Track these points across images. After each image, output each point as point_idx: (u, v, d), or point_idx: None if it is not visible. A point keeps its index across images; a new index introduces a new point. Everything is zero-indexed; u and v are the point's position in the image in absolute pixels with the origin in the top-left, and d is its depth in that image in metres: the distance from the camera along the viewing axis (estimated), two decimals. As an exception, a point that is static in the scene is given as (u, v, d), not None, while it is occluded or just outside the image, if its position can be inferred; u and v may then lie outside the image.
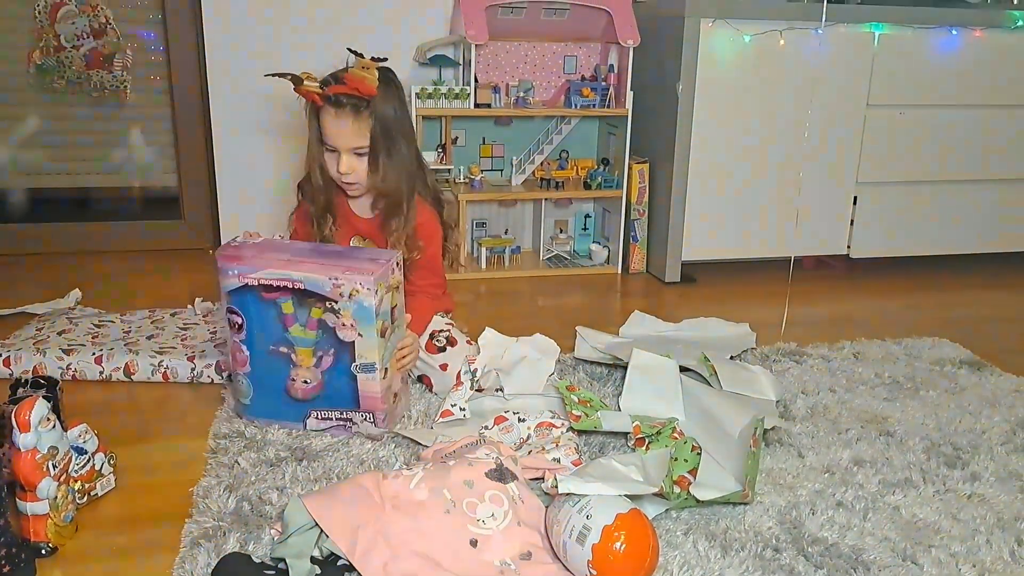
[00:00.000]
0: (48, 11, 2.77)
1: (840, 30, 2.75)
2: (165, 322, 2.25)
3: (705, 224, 2.87)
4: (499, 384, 1.83)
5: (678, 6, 2.69)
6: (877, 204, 2.97)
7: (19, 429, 1.29)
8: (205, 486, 1.49)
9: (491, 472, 1.42)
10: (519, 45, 3.01)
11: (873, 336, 2.37)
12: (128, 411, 1.85)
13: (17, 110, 2.93)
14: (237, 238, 1.75)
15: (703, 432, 1.70)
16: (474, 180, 2.96)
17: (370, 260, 1.63)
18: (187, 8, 2.90)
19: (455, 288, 2.79)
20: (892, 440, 1.76)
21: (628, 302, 2.74)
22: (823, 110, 2.81)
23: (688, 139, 2.76)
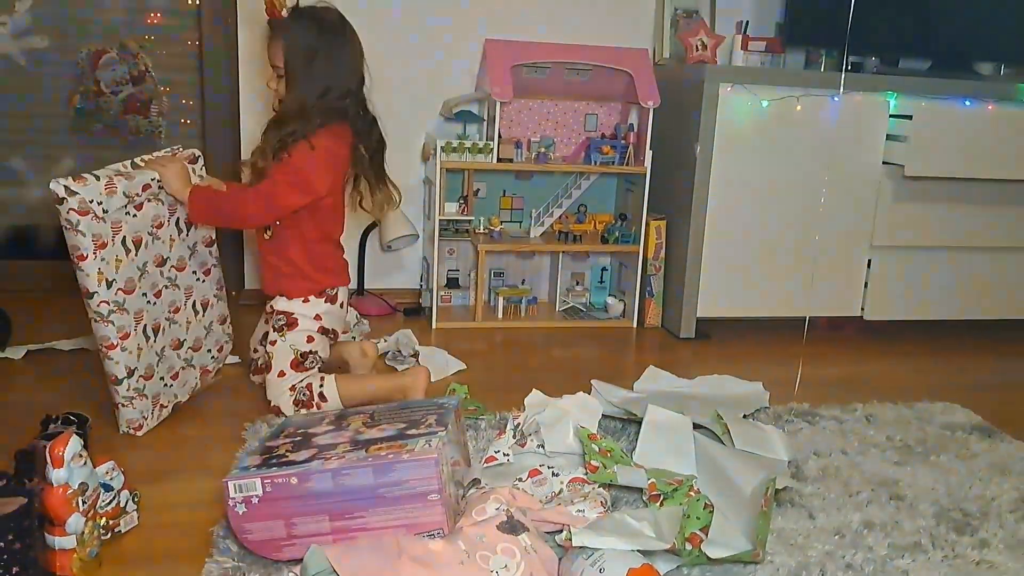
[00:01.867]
0: (91, 58, 2.87)
1: (855, 98, 2.81)
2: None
3: (721, 281, 2.91)
4: (541, 440, 1.85)
5: (698, 71, 2.78)
6: (891, 268, 3.01)
7: (52, 465, 1.33)
8: (225, 526, 1.52)
9: (502, 524, 1.44)
10: (542, 103, 3.10)
11: (885, 399, 2.38)
12: (151, 449, 1.89)
13: (55, 151, 3.03)
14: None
15: (715, 490, 1.72)
16: (493, 231, 3.02)
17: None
18: (223, 52, 3.00)
19: (471, 336, 2.85)
20: (902, 504, 1.77)
21: (643, 356, 2.77)
22: (839, 174, 2.87)
23: (705, 198, 2.82)
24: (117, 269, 1.83)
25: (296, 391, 2.06)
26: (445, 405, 1.69)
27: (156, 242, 1.96)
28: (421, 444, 1.46)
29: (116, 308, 1.83)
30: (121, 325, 1.84)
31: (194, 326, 2.12)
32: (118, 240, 1.83)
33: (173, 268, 2.02)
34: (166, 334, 2.00)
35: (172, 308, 2.02)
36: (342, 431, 1.62)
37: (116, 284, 1.82)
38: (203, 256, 2.16)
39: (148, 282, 1.92)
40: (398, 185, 2.65)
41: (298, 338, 2.10)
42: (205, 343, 2.17)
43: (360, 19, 2.92)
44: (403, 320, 3.02)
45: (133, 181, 1.88)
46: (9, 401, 2.13)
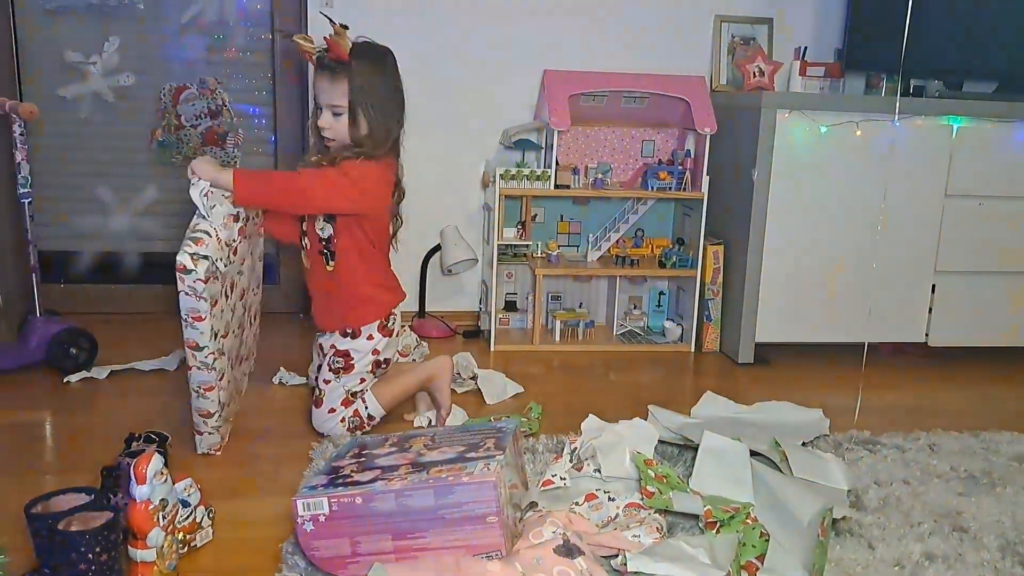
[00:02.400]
0: (172, 94, 3.03)
1: (917, 122, 2.80)
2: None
3: (780, 306, 2.91)
4: (597, 464, 1.88)
5: (755, 97, 2.79)
6: (957, 293, 2.96)
7: (136, 481, 1.41)
8: (294, 543, 1.58)
9: (558, 548, 1.47)
10: (599, 129, 3.14)
11: (950, 428, 2.34)
12: (225, 467, 1.98)
13: (138, 182, 3.19)
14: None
15: (772, 518, 1.71)
16: (551, 255, 3.07)
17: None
18: (296, 87, 3.14)
19: (529, 359, 2.89)
20: (966, 536, 1.73)
21: (700, 381, 2.78)
22: (900, 199, 2.85)
23: (763, 223, 2.83)
24: (220, 318, 1.90)
25: (346, 421, 2.16)
26: (503, 428, 1.73)
27: (240, 278, 2.03)
28: (480, 467, 1.50)
29: (218, 354, 1.90)
30: (221, 369, 1.92)
31: (246, 334, 2.19)
32: (223, 292, 1.92)
33: (245, 294, 2.11)
34: (234, 354, 2.08)
35: (244, 333, 2.11)
36: (404, 453, 1.67)
37: (219, 333, 1.90)
38: (258, 271, 2.24)
39: (236, 320, 2.01)
40: (460, 209, 2.74)
41: (352, 381, 2.17)
42: (252, 349, 2.30)
43: (423, 52, 3.06)
44: (462, 342, 3.08)
45: (230, 229, 1.90)
46: (95, 419, 2.25)
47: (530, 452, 2.06)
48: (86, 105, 3.10)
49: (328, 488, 1.52)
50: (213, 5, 3.09)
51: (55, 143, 3.11)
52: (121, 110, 3.12)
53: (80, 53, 3.04)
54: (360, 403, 2.18)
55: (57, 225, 3.18)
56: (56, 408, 2.33)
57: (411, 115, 2.99)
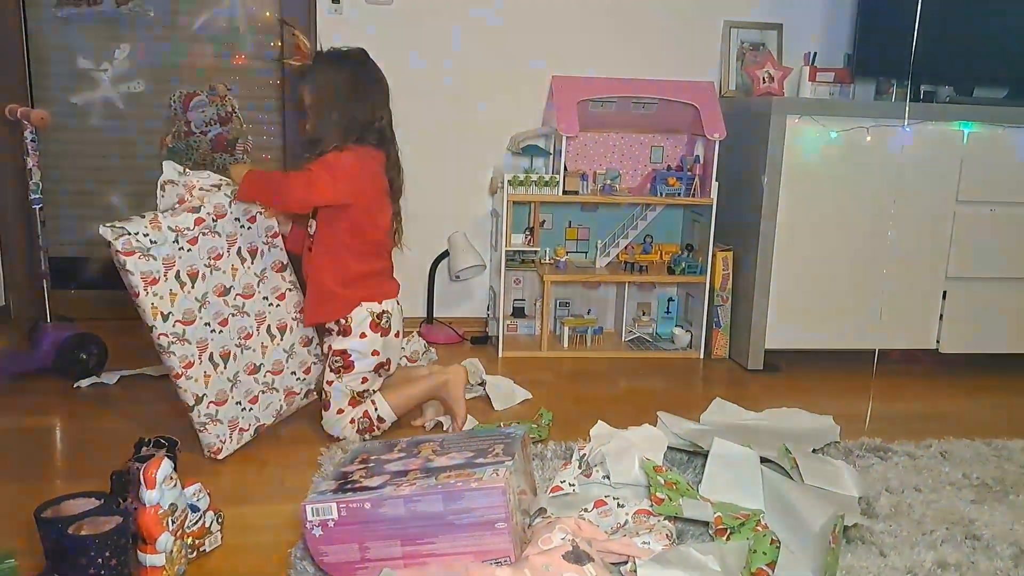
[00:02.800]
0: (182, 100, 3.04)
1: (928, 128, 2.79)
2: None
3: (789, 313, 2.90)
4: (606, 471, 1.88)
5: (765, 103, 2.79)
6: (968, 299, 2.95)
7: (146, 486, 1.41)
8: (303, 548, 1.58)
9: (567, 555, 1.46)
10: (608, 135, 3.14)
11: (961, 435, 2.33)
12: (234, 472, 1.98)
13: (148, 188, 3.18)
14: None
15: (782, 525, 1.71)
16: (559, 261, 3.07)
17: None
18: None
19: (537, 365, 2.89)
20: (978, 544, 1.72)
21: (710, 388, 2.76)
22: (911, 205, 2.83)
23: (773, 229, 2.82)
24: (172, 302, 1.92)
25: (356, 422, 2.16)
26: (512, 435, 1.73)
27: (216, 273, 2.03)
28: (489, 473, 1.50)
29: (176, 339, 1.92)
30: (183, 355, 1.93)
31: (271, 350, 2.17)
32: (171, 275, 1.92)
33: (239, 296, 2.09)
34: (238, 360, 2.07)
35: (243, 335, 2.08)
36: (413, 458, 1.67)
37: (173, 316, 1.92)
38: (274, 282, 2.20)
39: (210, 312, 2.00)
40: (468, 216, 2.72)
41: (354, 381, 2.17)
42: (287, 366, 2.21)
43: (431, 58, 3.07)
44: (470, 349, 3.08)
45: (179, 217, 1.96)
46: (105, 424, 2.25)
47: (539, 458, 2.05)
48: (97, 112, 3.12)
49: (337, 493, 1.52)
50: (223, 13, 3.11)
51: (66, 150, 3.13)
52: (131, 117, 3.14)
53: (91, 60, 3.06)
54: (369, 404, 2.18)
55: (68, 231, 3.19)
56: (66, 413, 2.33)
57: (419, 122, 3.04)
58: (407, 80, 3.03)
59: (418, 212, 2.32)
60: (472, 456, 1.62)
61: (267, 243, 2.19)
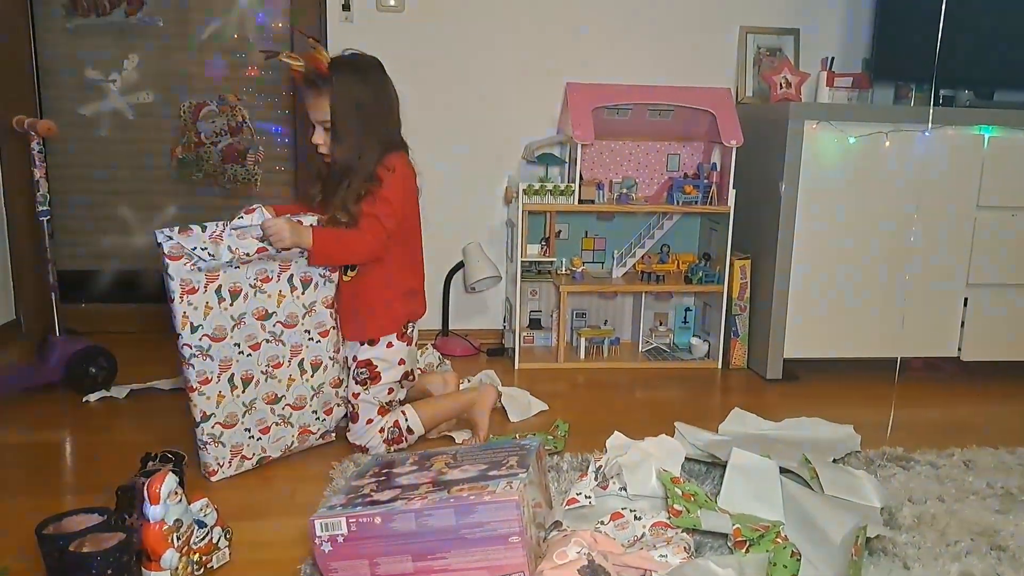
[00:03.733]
0: (192, 111, 3.04)
1: (948, 132, 2.74)
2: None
3: (808, 321, 2.85)
4: (623, 482, 1.84)
5: (782, 108, 2.75)
6: (990, 306, 2.89)
7: (150, 501, 1.39)
8: (312, 564, 1.55)
9: (583, 569, 1.43)
10: (624, 143, 3.11)
11: (985, 444, 2.28)
12: (243, 487, 1.95)
13: (158, 200, 3.20)
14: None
15: (803, 537, 1.67)
16: (575, 272, 3.03)
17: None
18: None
19: (554, 377, 2.85)
20: (1004, 555, 1.68)
21: (728, 398, 2.72)
22: (931, 211, 2.79)
23: (791, 236, 2.78)
24: (206, 316, 1.88)
25: (385, 432, 2.13)
26: (527, 446, 1.70)
27: (259, 295, 1.97)
28: (503, 486, 1.46)
29: (199, 353, 1.89)
30: (201, 370, 1.90)
31: (298, 385, 2.06)
32: (211, 288, 1.89)
33: (279, 324, 2.00)
34: (260, 387, 2.00)
35: (272, 363, 2.01)
36: (425, 471, 1.64)
37: (202, 330, 1.88)
38: (321, 316, 2.08)
39: (243, 333, 1.95)
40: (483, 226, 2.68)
41: (381, 392, 2.15)
42: (310, 404, 2.10)
43: (444, 65, 3.05)
44: (486, 361, 3.05)
45: (244, 241, 1.90)
46: (113, 438, 2.23)
47: (554, 470, 2.02)
48: (106, 123, 3.12)
49: (347, 508, 1.49)
50: (232, 23, 3.10)
51: (75, 161, 3.14)
52: (141, 128, 3.14)
53: (99, 71, 3.06)
54: (399, 414, 2.16)
55: (77, 244, 3.19)
56: (75, 427, 2.32)
57: (432, 130, 3.02)
58: (420, 88, 3.02)
59: (432, 222, 2.29)
60: (486, 468, 1.58)
61: (324, 276, 2.08)
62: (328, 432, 2.18)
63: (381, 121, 2.08)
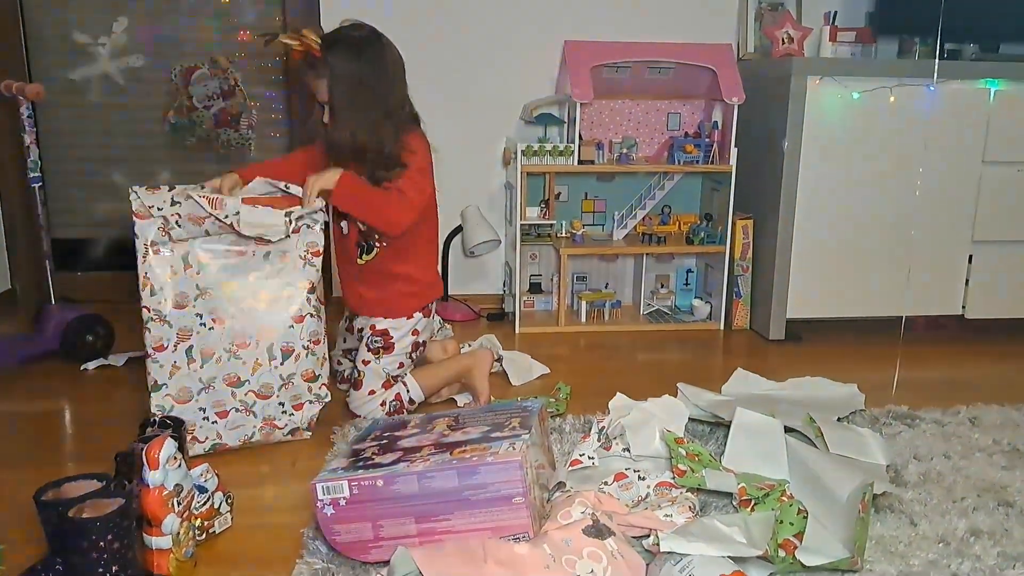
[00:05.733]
0: (183, 74, 2.98)
1: (953, 86, 2.69)
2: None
3: (811, 281, 2.82)
4: (626, 443, 1.83)
5: (785, 64, 2.70)
6: (994, 263, 2.86)
7: (148, 467, 1.37)
8: (315, 528, 1.54)
9: (588, 529, 1.42)
10: (623, 103, 3.06)
11: (991, 401, 2.27)
12: (243, 452, 1.94)
13: (151, 166, 3.16)
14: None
15: (808, 495, 1.66)
16: (576, 234, 3.00)
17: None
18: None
19: (555, 341, 2.84)
20: (1012, 511, 1.68)
21: (731, 359, 2.70)
22: (936, 167, 2.75)
23: (794, 195, 2.74)
24: (168, 280, 1.83)
25: (387, 405, 2.11)
26: (529, 408, 1.68)
27: (230, 268, 1.89)
28: (505, 447, 1.45)
29: (156, 317, 1.82)
30: (156, 336, 1.83)
31: (264, 371, 1.92)
32: (177, 252, 1.83)
33: (248, 300, 1.91)
34: (221, 365, 1.89)
35: (236, 342, 1.89)
36: (427, 434, 1.62)
37: (161, 294, 1.82)
38: (299, 303, 1.94)
39: (207, 305, 1.86)
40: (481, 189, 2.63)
41: (391, 364, 2.12)
42: (277, 394, 1.94)
43: (440, 25, 2.99)
44: (486, 325, 3.03)
45: (211, 202, 1.83)
46: (112, 406, 2.22)
47: (557, 432, 2.01)
48: (96, 88, 3.06)
49: (349, 471, 1.47)
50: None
51: (66, 127, 3.09)
52: (132, 92, 3.09)
53: (88, 34, 3.00)
54: (401, 386, 2.14)
55: (71, 212, 3.16)
56: (73, 396, 2.30)
57: (429, 92, 2.96)
58: (416, 50, 2.95)
59: (428, 186, 2.26)
60: (488, 430, 1.57)
61: (303, 258, 1.95)
62: (298, 429, 2.00)
63: (384, 96, 2.00)
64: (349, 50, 1.96)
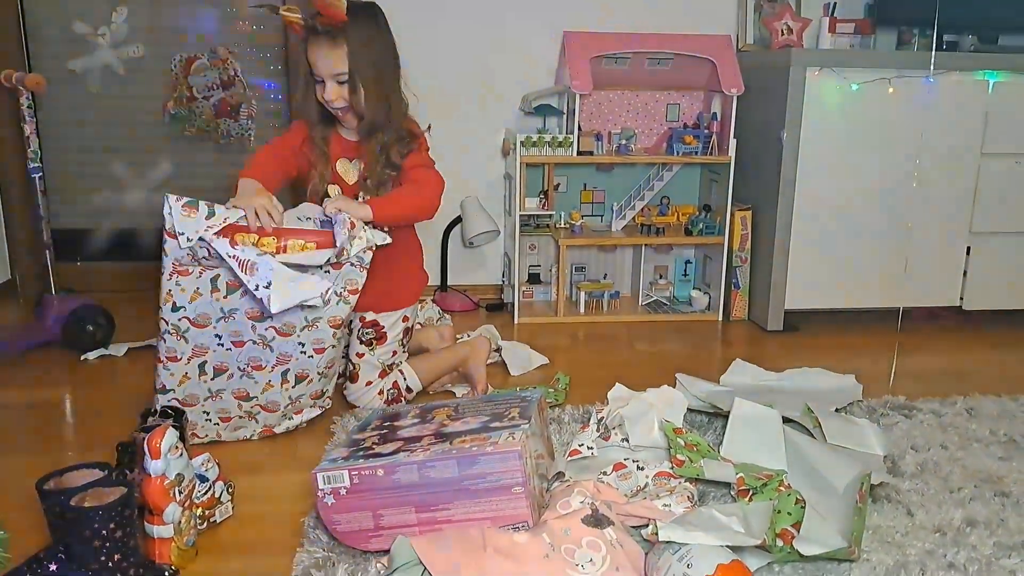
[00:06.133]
0: (183, 64, 2.98)
1: (952, 78, 2.69)
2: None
3: (809, 272, 2.83)
4: (625, 433, 1.84)
5: (784, 55, 2.70)
6: (992, 255, 2.87)
7: (150, 456, 1.38)
8: (315, 517, 1.55)
9: (587, 518, 1.43)
10: (622, 93, 3.06)
11: (988, 392, 2.28)
12: (244, 442, 1.95)
13: (151, 156, 3.16)
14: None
15: (806, 485, 1.67)
16: (574, 225, 3.00)
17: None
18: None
19: (554, 331, 2.84)
20: (1008, 501, 1.69)
21: (729, 350, 2.71)
22: (934, 158, 2.75)
23: (792, 186, 2.74)
24: (191, 300, 1.78)
25: (385, 394, 2.11)
26: (528, 398, 1.69)
27: (243, 300, 1.82)
28: (505, 437, 1.46)
29: (173, 331, 1.80)
30: (171, 347, 1.81)
31: (274, 392, 1.91)
32: (206, 275, 1.78)
33: (272, 329, 1.84)
34: (232, 381, 1.87)
35: (252, 364, 1.87)
36: (427, 424, 1.63)
37: (183, 312, 1.78)
38: (322, 333, 1.88)
39: (229, 328, 1.82)
40: (480, 180, 2.61)
41: (385, 353, 2.12)
42: (282, 410, 1.95)
43: (438, 13, 2.99)
44: (485, 316, 3.04)
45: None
46: (112, 396, 2.22)
47: (556, 422, 2.02)
48: (96, 78, 3.05)
49: (349, 460, 1.48)
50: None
51: (66, 118, 3.08)
52: (132, 82, 3.08)
53: (88, 24, 2.99)
54: (399, 375, 2.14)
55: (71, 202, 3.16)
56: (74, 386, 2.31)
57: (427, 82, 2.96)
58: (415, 39, 2.95)
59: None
60: (487, 420, 1.58)
61: (340, 296, 1.87)
62: (290, 421, 1.99)
63: (393, 71, 1.99)
64: (371, 17, 1.95)
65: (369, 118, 1.97)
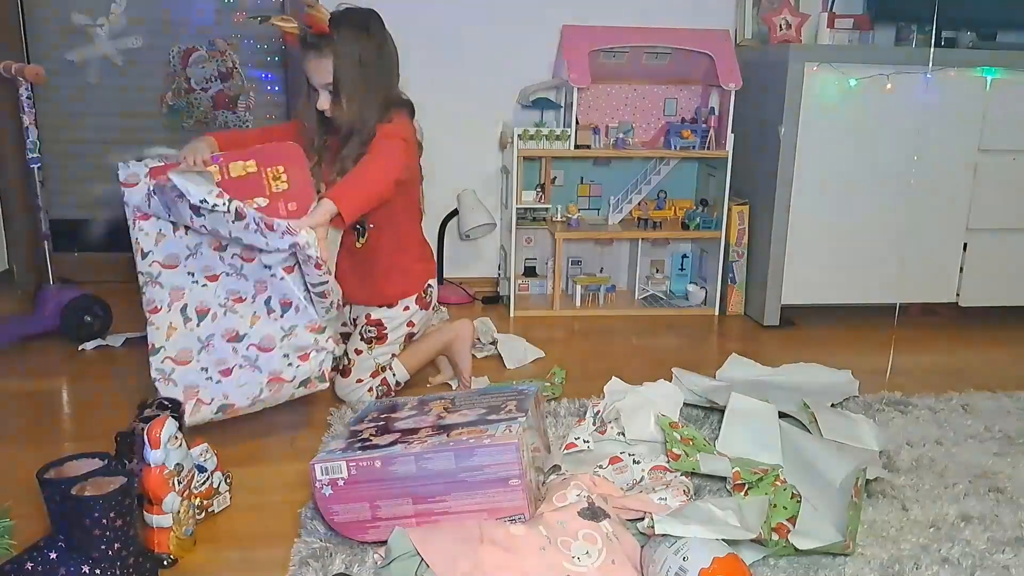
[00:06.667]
0: (181, 56, 2.97)
1: (950, 74, 2.70)
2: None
3: (806, 267, 2.84)
4: (621, 427, 1.85)
5: (782, 50, 2.71)
6: (989, 251, 2.88)
7: (150, 446, 1.39)
8: (313, 508, 1.55)
9: (583, 511, 1.44)
10: (620, 87, 3.06)
11: (983, 388, 2.29)
12: (242, 432, 1.94)
13: (149, 148, 3.13)
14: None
15: (802, 480, 1.67)
16: (571, 219, 3.01)
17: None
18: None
19: (550, 325, 2.85)
20: (1002, 497, 1.70)
21: (725, 345, 2.72)
22: (932, 154, 2.76)
23: (790, 181, 2.75)
24: (157, 242, 1.84)
25: (375, 392, 2.12)
26: (525, 391, 1.69)
27: (217, 254, 1.88)
28: (502, 429, 1.46)
29: (148, 280, 1.83)
30: (151, 298, 1.83)
31: (263, 323, 1.86)
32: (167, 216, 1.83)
33: (238, 256, 1.87)
34: (218, 322, 1.86)
35: (232, 297, 1.87)
36: (424, 416, 1.64)
37: (152, 256, 1.83)
38: (284, 255, 1.84)
39: (199, 264, 1.86)
40: (477, 173, 2.60)
41: (384, 354, 2.13)
42: (279, 346, 1.85)
43: (436, 10, 2.98)
44: (481, 309, 3.04)
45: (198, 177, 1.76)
46: (110, 386, 2.23)
47: (552, 416, 2.02)
48: (94, 69, 3.04)
49: (347, 452, 1.49)
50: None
51: (64, 109, 3.08)
52: (130, 74, 3.07)
53: (86, 15, 2.97)
54: (388, 372, 2.15)
55: (69, 193, 3.15)
56: (71, 376, 2.31)
57: (425, 76, 2.96)
58: (412, 33, 2.94)
59: (426, 169, 2.25)
60: (484, 413, 1.58)
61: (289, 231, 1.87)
62: (309, 380, 1.88)
63: (384, 77, 2.00)
64: (356, 28, 1.96)
65: (346, 129, 1.99)
